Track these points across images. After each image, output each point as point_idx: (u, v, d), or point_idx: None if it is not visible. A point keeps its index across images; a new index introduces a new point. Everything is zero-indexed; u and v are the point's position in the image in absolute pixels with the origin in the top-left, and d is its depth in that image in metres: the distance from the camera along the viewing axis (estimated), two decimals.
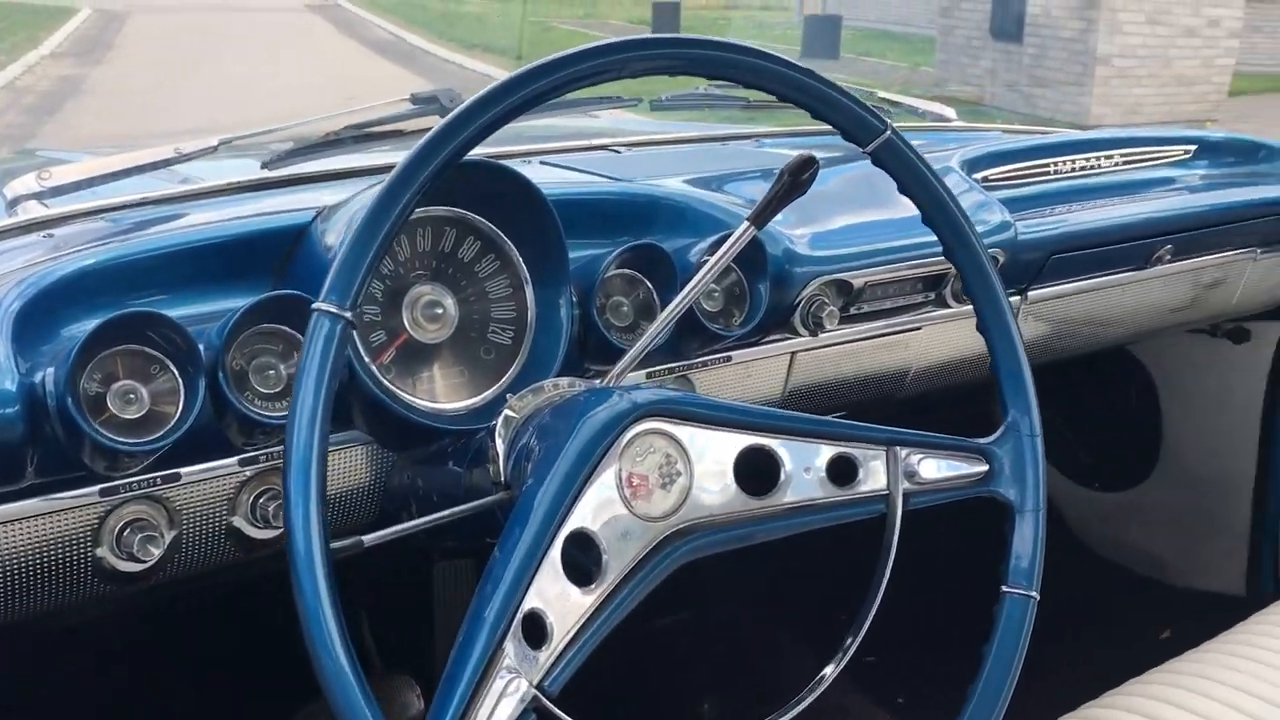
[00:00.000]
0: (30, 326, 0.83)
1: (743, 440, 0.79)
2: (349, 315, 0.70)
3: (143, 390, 0.81)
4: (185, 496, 0.88)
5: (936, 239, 0.86)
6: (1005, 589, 0.81)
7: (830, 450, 0.80)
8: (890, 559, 0.80)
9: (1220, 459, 1.91)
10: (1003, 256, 1.26)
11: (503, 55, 11.57)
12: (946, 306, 1.29)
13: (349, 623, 0.66)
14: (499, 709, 0.66)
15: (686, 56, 0.78)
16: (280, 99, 7.87)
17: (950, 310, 1.29)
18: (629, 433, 0.74)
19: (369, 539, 0.72)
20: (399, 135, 1.30)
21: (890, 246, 1.19)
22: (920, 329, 1.29)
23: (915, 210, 0.85)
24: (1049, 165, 1.45)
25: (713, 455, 0.77)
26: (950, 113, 1.86)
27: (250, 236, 0.94)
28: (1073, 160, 1.47)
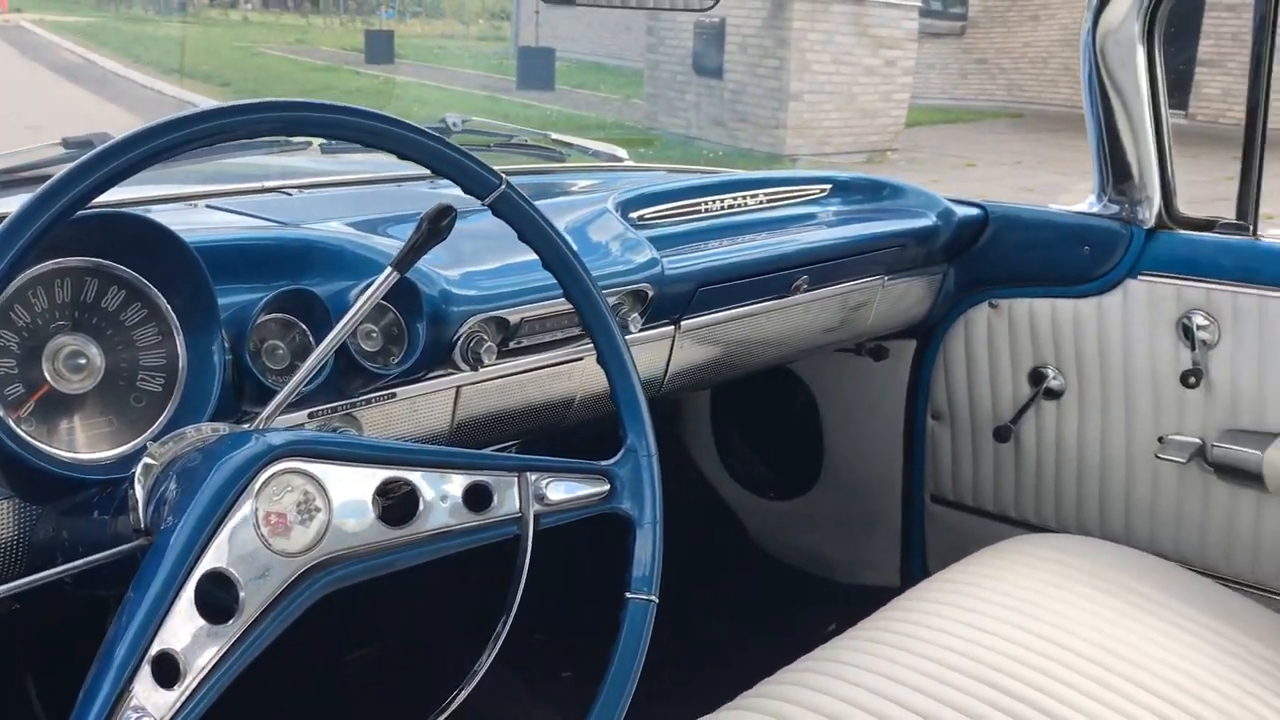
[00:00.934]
0: None
1: (381, 474, 0.84)
2: None
3: None
4: None
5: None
6: (628, 595, 0.90)
7: (465, 479, 0.87)
8: (523, 575, 0.87)
9: (872, 464, 2.12)
10: (651, 290, 1.37)
11: (206, 81, 11.12)
12: None
13: (10, 684, 0.67)
14: None
15: (304, 120, 0.82)
16: None
17: None
18: (265, 473, 0.78)
19: None
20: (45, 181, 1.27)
21: (544, 284, 1.27)
22: (582, 359, 1.38)
23: None
24: (699, 205, 1.58)
25: (351, 490, 0.82)
26: (622, 153, 1.99)
27: None
28: (721, 199, 1.61)
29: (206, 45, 13.59)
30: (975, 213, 1.86)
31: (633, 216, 1.48)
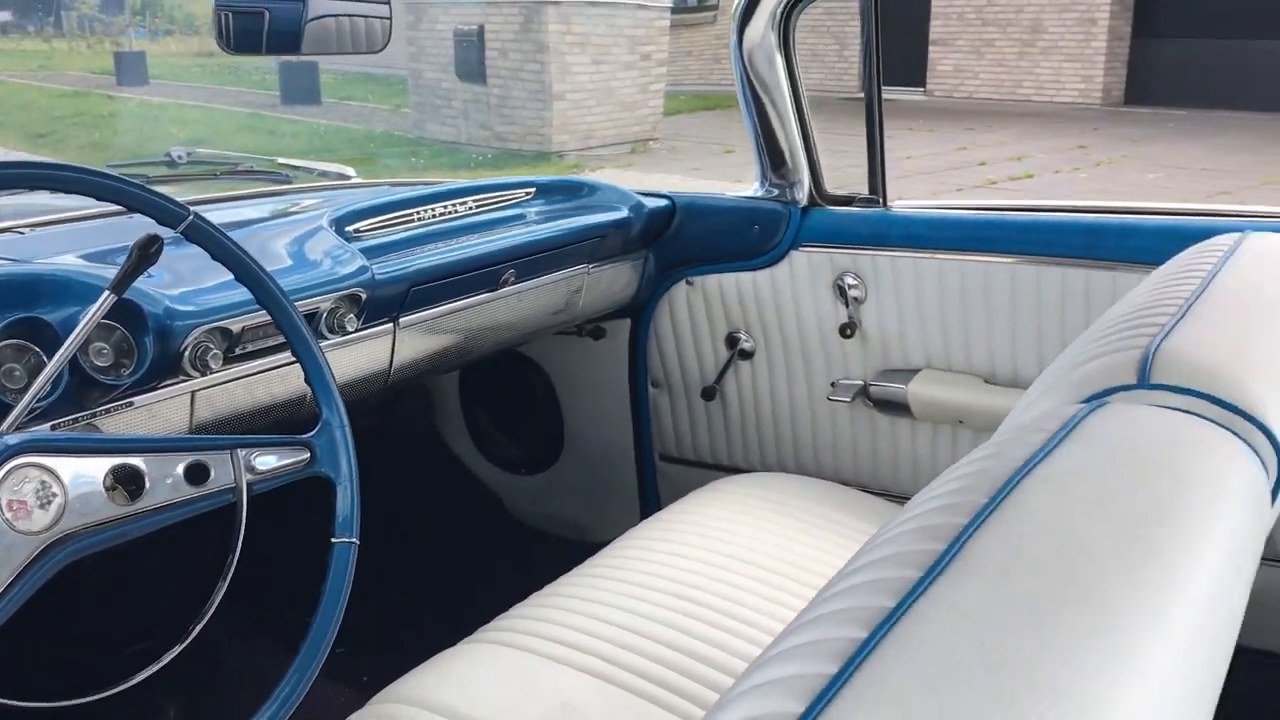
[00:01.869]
0: None
1: (110, 461, 1.02)
2: None
3: None
4: None
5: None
6: (333, 540, 1.11)
7: (185, 459, 1.06)
8: (241, 534, 1.07)
9: (607, 433, 2.38)
10: (365, 294, 1.56)
11: None
12: (325, 338, 1.57)
13: None
14: None
15: None
16: None
17: (332, 340, 1.58)
18: (2, 469, 0.95)
19: None
20: None
21: None
22: None
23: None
24: (412, 215, 1.78)
25: (84, 476, 1.00)
26: (350, 172, 2.17)
27: None
28: (433, 209, 1.82)
29: None
30: (663, 203, 2.14)
31: (348, 230, 1.67)
